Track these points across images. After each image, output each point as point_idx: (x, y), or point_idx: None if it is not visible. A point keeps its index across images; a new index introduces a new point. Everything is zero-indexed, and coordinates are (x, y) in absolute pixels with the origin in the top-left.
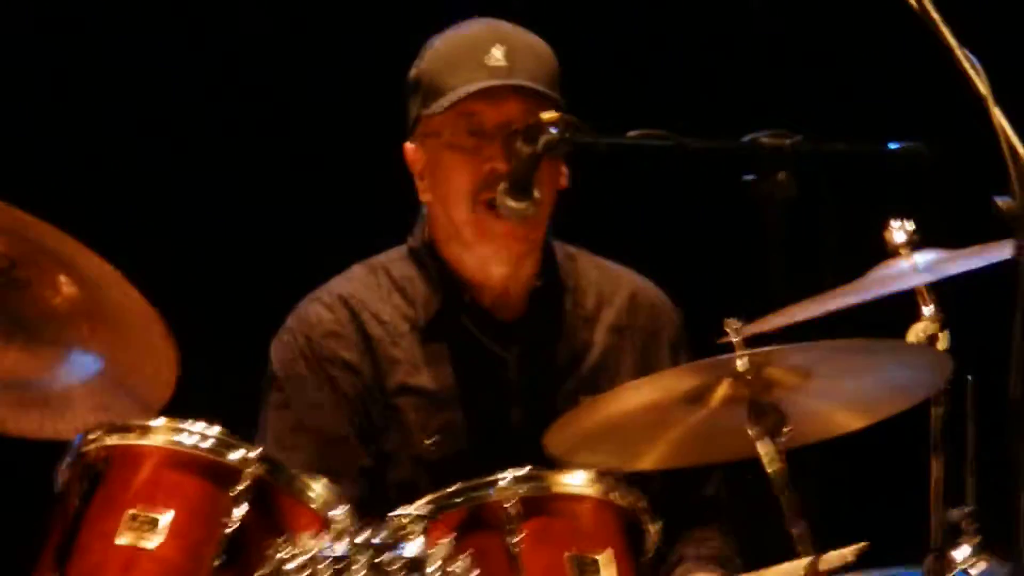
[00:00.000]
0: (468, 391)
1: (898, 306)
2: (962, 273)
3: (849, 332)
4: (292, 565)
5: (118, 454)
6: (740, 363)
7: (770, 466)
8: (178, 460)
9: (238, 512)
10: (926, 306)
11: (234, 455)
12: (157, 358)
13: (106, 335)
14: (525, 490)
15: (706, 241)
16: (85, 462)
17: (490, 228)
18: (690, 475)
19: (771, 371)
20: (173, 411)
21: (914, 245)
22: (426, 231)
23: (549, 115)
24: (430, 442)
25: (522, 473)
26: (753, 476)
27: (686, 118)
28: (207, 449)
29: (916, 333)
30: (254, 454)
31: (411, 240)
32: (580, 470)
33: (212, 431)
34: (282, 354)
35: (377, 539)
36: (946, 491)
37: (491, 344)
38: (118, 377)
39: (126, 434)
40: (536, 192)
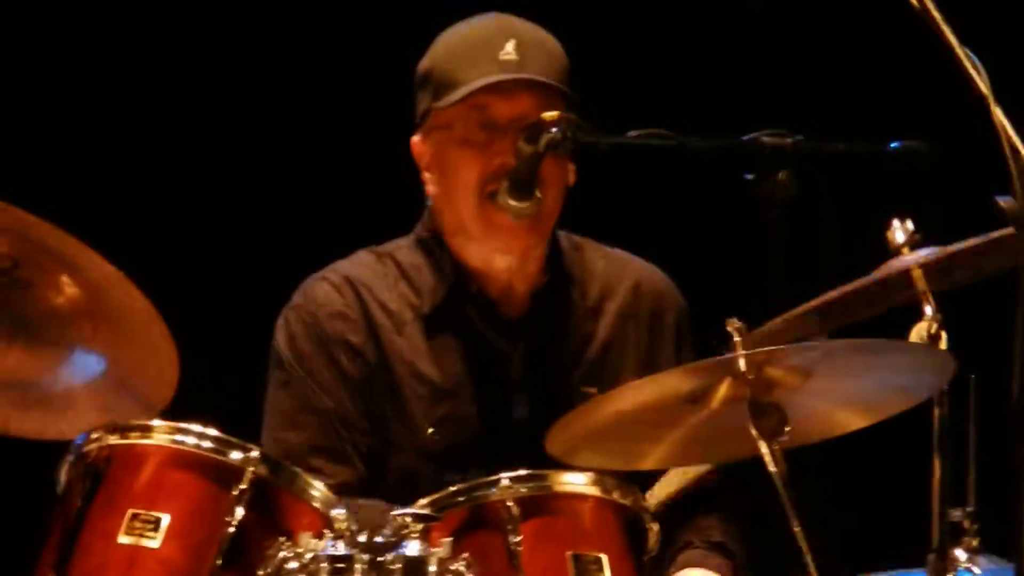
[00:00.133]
0: (472, 382)
1: (900, 306)
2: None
3: (850, 332)
4: (293, 564)
5: (120, 454)
6: (741, 363)
7: (771, 466)
8: (180, 460)
9: (240, 511)
10: (928, 306)
11: (236, 454)
12: (159, 358)
13: (108, 335)
14: (526, 490)
15: (707, 241)
16: (87, 462)
17: (495, 222)
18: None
19: (772, 371)
20: (175, 411)
21: (915, 245)
22: (432, 224)
23: (551, 114)
24: (432, 432)
25: (523, 472)
26: (754, 475)
27: (687, 117)
28: (209, 448)
29: (918, 333)
30: (255, 453)
31: (419, 229)
32: (581, 470)
33: (213, 431)
34: (288, 332)
35: (378, 538)
36: (947, 491)
37: (496, 339)
38: (120, 377)
39: (128, 434)
40: (538, 191)
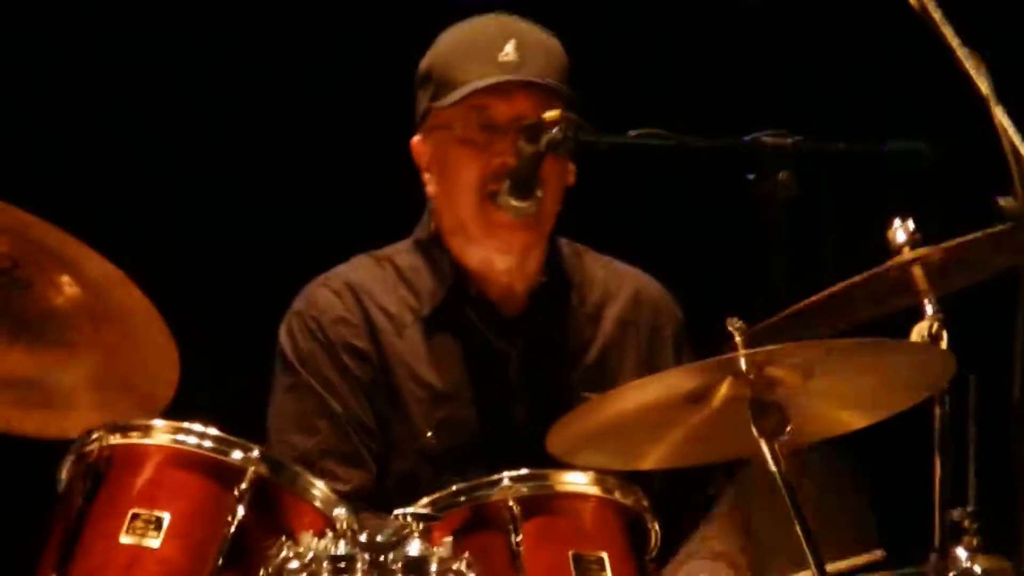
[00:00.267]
0: (471, 385)
1: (900, 309)
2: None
3: (851, 331)
4: (295, 564)
5: (121, 454)
6: (742, 362)
7: (772, 465)
8: (181, 459)
9: (241, 511)
10: (928, 305)
11: (237, 454)
12: (159, 357)
13: (108, 335)
14: (527, 489)
15: (707, 240)
16: (88, 462)
17: (495, 221)
18: (692, 475)
19: (773, 370)
20: (176, 411)
21: (916, 244)
22: (432, 224)
23: (551, 114)
24: (431, 435)
25: (524, 472)
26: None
27: (687, 117)
28: (210, 448)
29: (919, 332)
30: (256, 453)
31: (418, 232)
32: (582, 469)
33: (214, 431)
34: (293, 337)
35: (379, 538)
36: (948, 490)
37: (495, 339)
38: (121, 377)
39: (129, 433)
40: (539, 191)
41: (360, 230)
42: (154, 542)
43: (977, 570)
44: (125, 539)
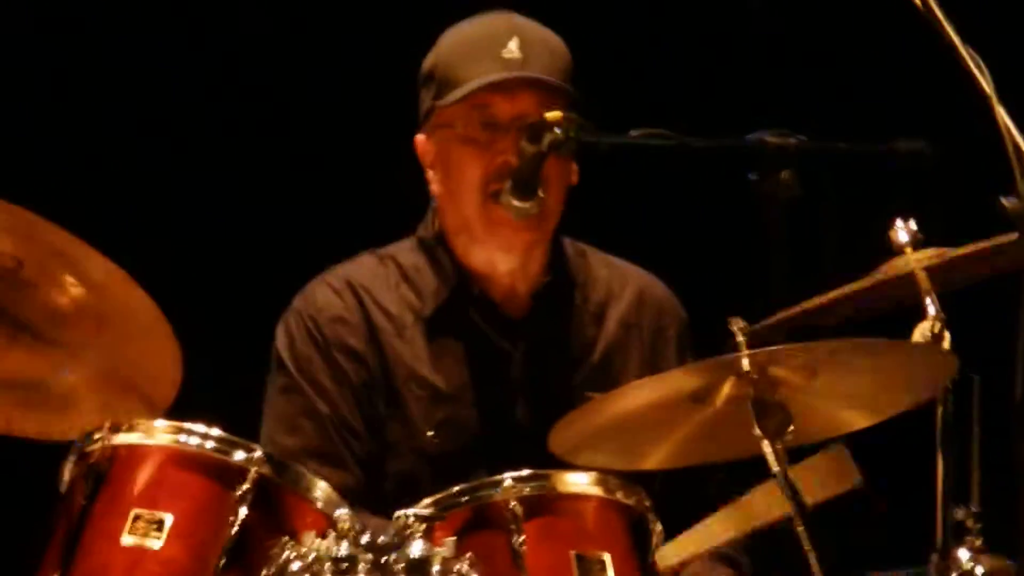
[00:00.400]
0: (473, 385)
1: (902, 305)
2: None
3: (854, 331)
4: (297, 565)
5: (123, 454)
6: (744, 362)
7: (775, 465)
8: (183, 460)
9: (243, 512)
10: (931, 305)
11: (239, 454)
12: (162, 358)
13: (111, 335)
14: (529, 490)
15: (709, 240)
16: (90, 462)
17: (498, 220)
18: (693, 475)
19: (775, 370)
20: (178, 411)
21: (917, 244)
22: (436, 223)
23: (553, 114)
24: (432, 435)
25: (526, 472)
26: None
27: (689, 117)
28: (212, 448)
29: (921, 332)
30: (259, 453)
31: (421, 231)
32: (585, 469)
33: (217, 431)
34: (288, 336)
35: (381, 539)
36: (951, 490)
37: (498, 339)
38: (123, 377)
39: (131, 434)
40: (541, 191)
41: (363, 229)
42: (156, 543)
43: (979, 571)
44: (127, 540)
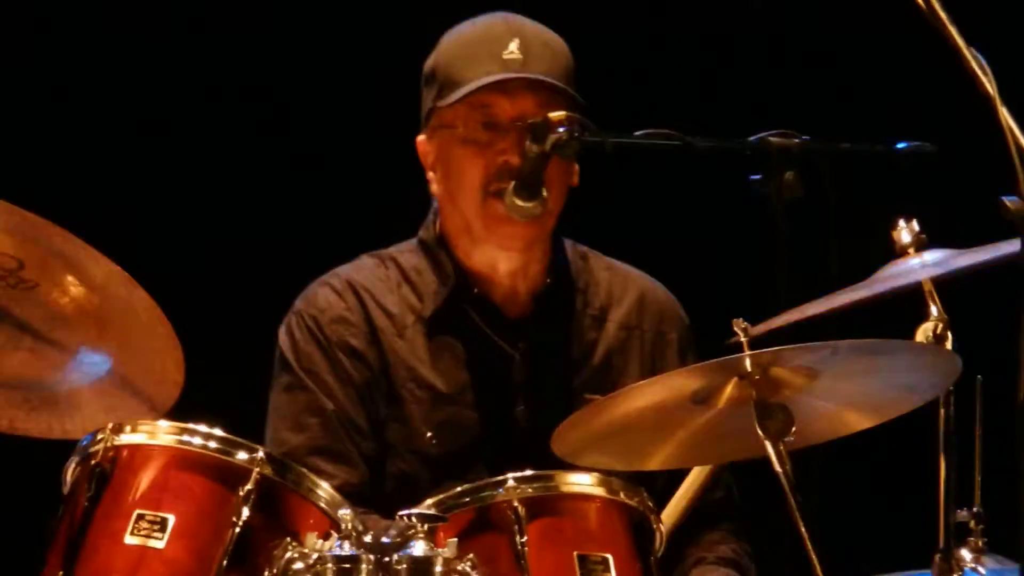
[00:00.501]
0: (473, 387)
1: (906, 307)
2: (970, 273)
3: (856, 332)
4: (300, 565)
5: (126, 455)
6: (747, 363)
7: (777, 466)
8: (186, 460)
9: (246, 512)
10: (933, 306)
11: (242, 455)
12: (165, 358)
13: (114, 336)
14: (532, 490)
15: (712, 241)
16: (93, 462)
17: (498, 219)
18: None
19: (778, 371)
20: (180, 411)
21: (920, 245)
22: (437, 224)
23: (557, 114)
24: (431, 436)
25: (529, 473)
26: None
27: (692, 118)
28: (215, 449)
29: (924, 333)
30: (261, 454)
31: (422, 232)
32: (587, 470)
33: (219, 432)
34: (290, 337)
35: (384, 539)
36: (953, 491)
37: (498, 340)
38: (126, 378)
39: (134, 434)
40: (544, 191)
41: (364, 231)
42: (159, 543)
43: (982, 571)
44: (130, 540)
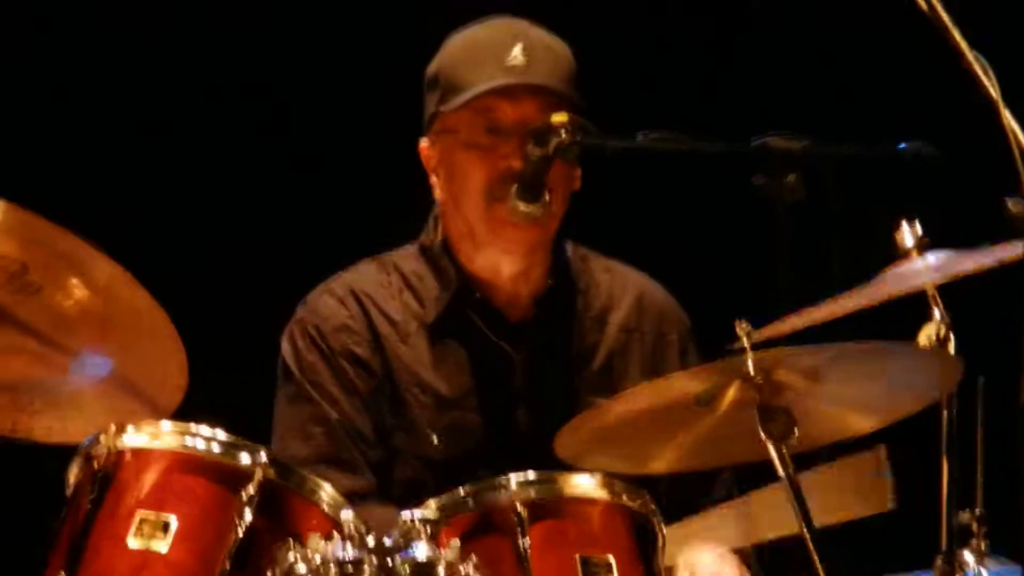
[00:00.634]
0: (476, 391)
1: (908, 308)
2: (972, 275)
3: (859, 334)
4: (302, 568)
5: (128, 457)
6: (749, 366)
7: (780, 469)
8: (189, 463)
9: (248, 514)
10: (936, 308)
11: (244, 457)
12: (168, 361)
13: (117, 338)
14: (534, 493)
15: (714, 243)
16: (95, 465)
17: (500, 222)
18: (699, 479)
19: (781, 374)
20: (183, 414)
21: (923, 247)
22: (439, 229)
23: (559, 118)
24: (437, 441)
25: (531, 476)
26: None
27: (695, 121)
28: (218, 451)
29: (926, 335)
30: (264, 456)
31: (423, 237)
32: (590, 473)
33: (222, 434)
34: (293, 346)
35: (387, 541)
36: (955, 493)
37: (500, 344)
38: (129, 380)
39: (136, 436)
40: (547, 195)
41: (367, 233)
42: (162, 546)
43: (984, 573)
44: (133, 542)
